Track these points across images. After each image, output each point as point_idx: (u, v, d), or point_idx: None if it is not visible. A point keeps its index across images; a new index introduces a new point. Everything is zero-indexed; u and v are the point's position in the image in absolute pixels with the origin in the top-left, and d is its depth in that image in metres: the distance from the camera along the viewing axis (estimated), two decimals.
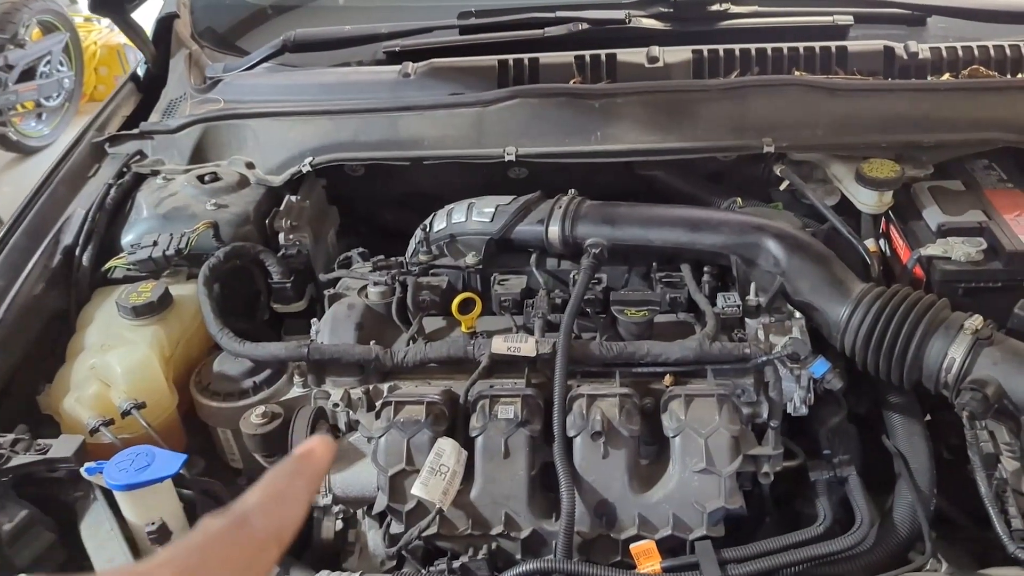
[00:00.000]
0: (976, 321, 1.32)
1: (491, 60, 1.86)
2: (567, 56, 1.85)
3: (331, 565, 1.36)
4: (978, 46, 1.82)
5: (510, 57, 1.86)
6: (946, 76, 1.81)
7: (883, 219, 1.76)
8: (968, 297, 1.52)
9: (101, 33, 6.17)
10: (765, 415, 1.40)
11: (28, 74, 5.40)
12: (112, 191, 1.80)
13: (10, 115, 5.31)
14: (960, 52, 1.82)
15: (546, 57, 1.86)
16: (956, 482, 1.42)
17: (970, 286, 1.52)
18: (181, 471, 1.34)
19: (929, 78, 1.81)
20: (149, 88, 2.18)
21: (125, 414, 1.43)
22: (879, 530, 1.31)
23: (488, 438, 1.33)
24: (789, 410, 1.43)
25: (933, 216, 1.62)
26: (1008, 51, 1.81)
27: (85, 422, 1.43)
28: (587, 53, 1.84)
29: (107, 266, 1.68)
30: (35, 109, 5.58)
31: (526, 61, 1.85)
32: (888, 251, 1.76)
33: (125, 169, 1.86)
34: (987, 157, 1.76)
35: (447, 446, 1.33)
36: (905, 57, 1.82)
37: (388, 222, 2.09)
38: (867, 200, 1.66)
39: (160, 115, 2.04)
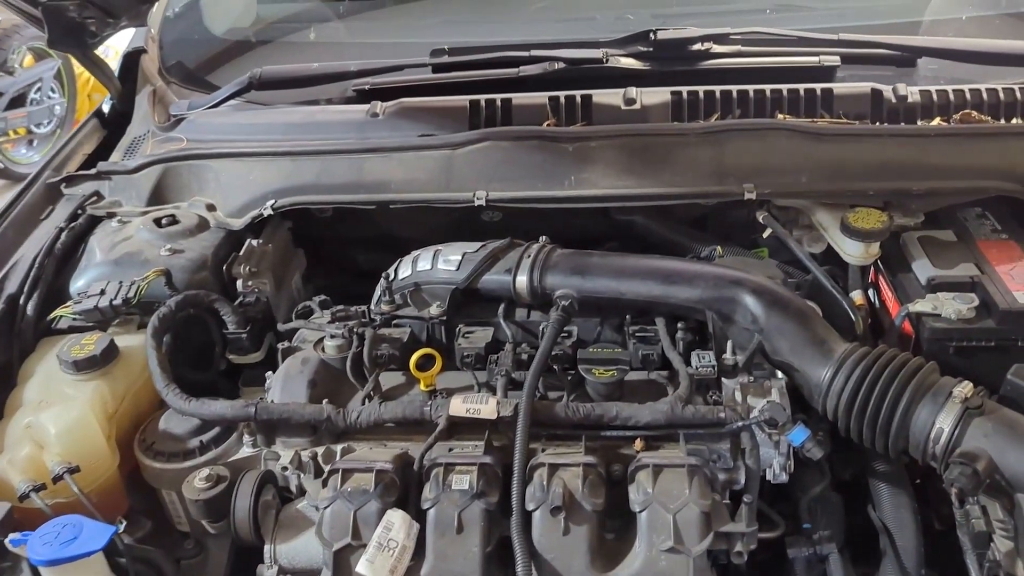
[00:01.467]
0: (966, 388, 1.23)
1: (462, 100, 1.79)
2: (541, 97, 1.77)
3: None
4: (970, 89, 1.74)
5: (482, 97, 1.78)
6: (937, 120, 1.73)
7: (872, 268, 1.68)
8: (959, 356, 1.44)
9: None
10: (743, 481, 1.31)
11: (18, 101, 5.37)
12: (63, 235, 1.72)
13: (0, 142, 5.27)
14: (951, 95, 1.74)
15: (519, 98, 1.78)
16: (948, 553, 1.33)
17: (961, 345, 1.43)
18: (116, 539, 1.25)
19: (919, 122, 1.73)
20: (114, 125, 2.11)
21: (57, 479, 1.34)
22: None
23: (441, 511, 1.24)
24: (768, 477, 1.34)
25: (923, 269, 1.53)
26: (1001, 94, 1.73)
27: (16, 487, 1.34)
28: (562, 94, 1.76)
29: (52, 315, 1.60)
30: (26, 136, 5.54)
31: (498, 101, 1.78)
32: (877, 302, 1.67)
33: (80, 211, 1.79)
34: (980, 205, 1.68)
35: (396, 519, 1.23)
36: (894, 100, 1.75)
37: (360, 263, 2.01)
38: (853, 251, 1.58)
39: (122, 154, 1.97)
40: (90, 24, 1.83)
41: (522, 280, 1.52)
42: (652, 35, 1.83)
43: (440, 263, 1.59)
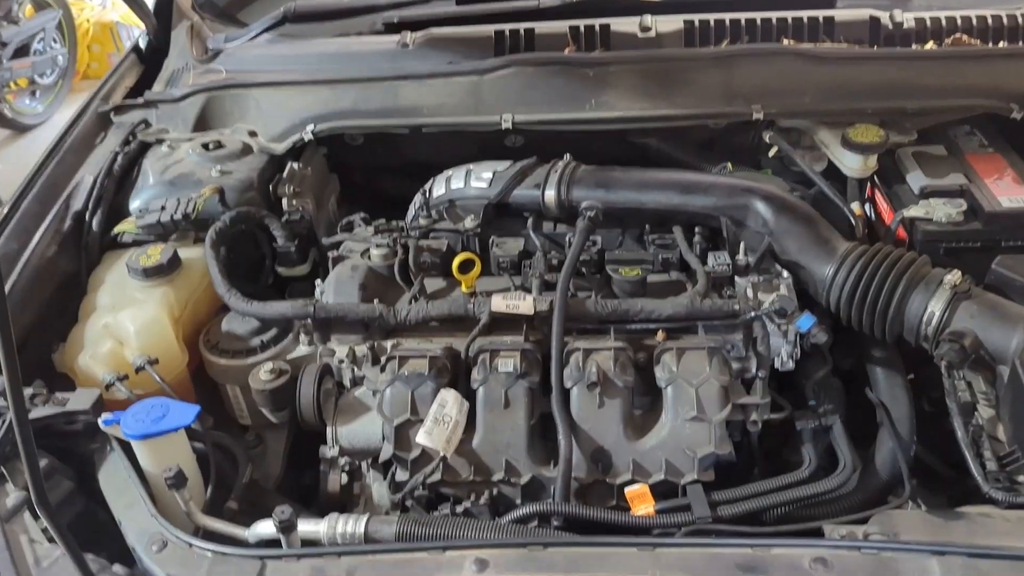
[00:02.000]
0: (955, 276, 1.38)
1: (488, 29, 1.91)
2: (562, 26, 1.90)
3: None
4: (961, 16, 1.88)
5: (506, 27, 1.90)
6: (930, 45, 1.86)
7: (868, 184, 1.82)
8: (948, 257, 1.58)
9: (94, 10, 6.16)
10: (754, 370, 1.46)
11: (22, 51, 5.39)
12: (119, 158, 1.84)
13: (4, 92, 5.31)
14: (943, 21, 1.88)
15: (541, 26, 1.90)
16: (937, 434, 1.49)
17: (951, 246, 1.58)
18: (193, 424, 1.40)
19: (913, 47, 1.86)
20: (151, 60, 2.22)
21: (139, 370, 1.49)
22: (861, 474, 1.38)
23: (489, 389, 1.39)
24: (776, 365, 1.49)
25: (916, 179, 1.68)
26: (990, 20, 1.87)
27: (100, 378, 1.48)
28: (582, 23, 1.88)
29: (116, 230, 1.73)
30: (29, 87, 5.58)
31: (522, 31, 1.90)
32: (873, 215, 1.82)
33: (131, 137, 1.91)
34: (969, 123, 1.82)
35: (450, 397, 1.39)
36: (890, 26, 1.88)
37: (387, 189, 2.14)
38: (852, 164, 1.72)
39: (163, 85, 2.08)
40: None
41: (550, 194, 1.66)
42: None
43: (473, 180, 1.73)
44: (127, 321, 1.54)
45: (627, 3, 1.94)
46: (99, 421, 1.36)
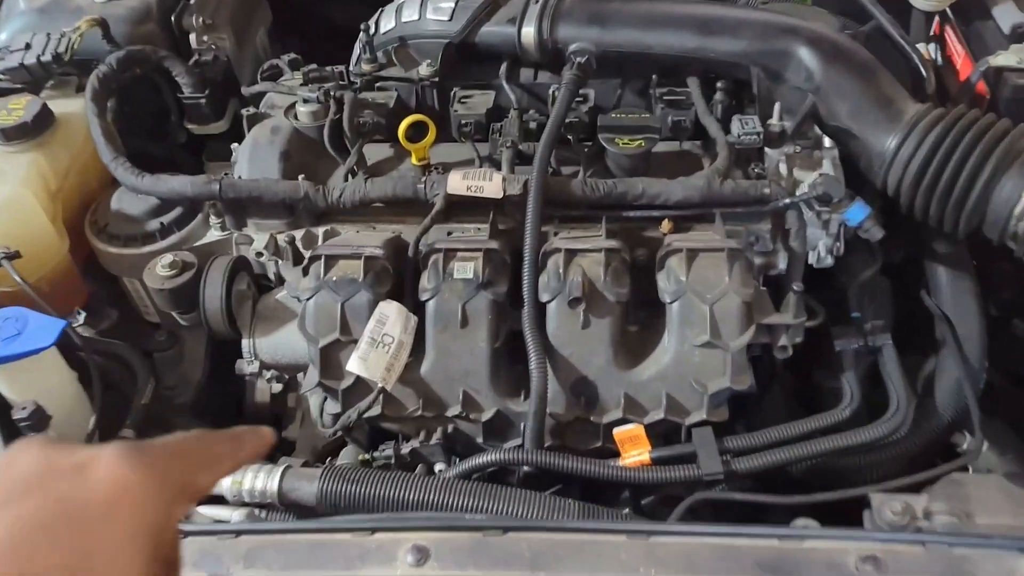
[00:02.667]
0: None
1: None
2: None
3: None
4: None
5: None
6: None
7: (937, 18, 1.43)
8: None
9: None
10: (781, 266, 1.15)
11: None
12: None
13: None
14: None
15: None
16: (1000, 341, 1.19)
17: None
18: (69, 332, 1.10)
19: None
20: None
21: None
22: (917, 410, 1.08)
23: (442, 302, 1.08)
24: (811, 260, 1.18)
25: (1006, 15, 1.29)
26: None
27: None
28: None
29: None
30: None
31: None
32: (941, 60, 1.44)
33: None
34: None
35: (391, 311, 1.07)
36: None
37: (335, 18, 1.73)
38: None
39: None
40: None
41: (529, 31, 1.27)
42: None
43: (430, 12, 1.34)
44: None
45: None
46: None
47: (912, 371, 1.18)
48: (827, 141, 1.20)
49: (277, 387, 1.25)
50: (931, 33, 1.45)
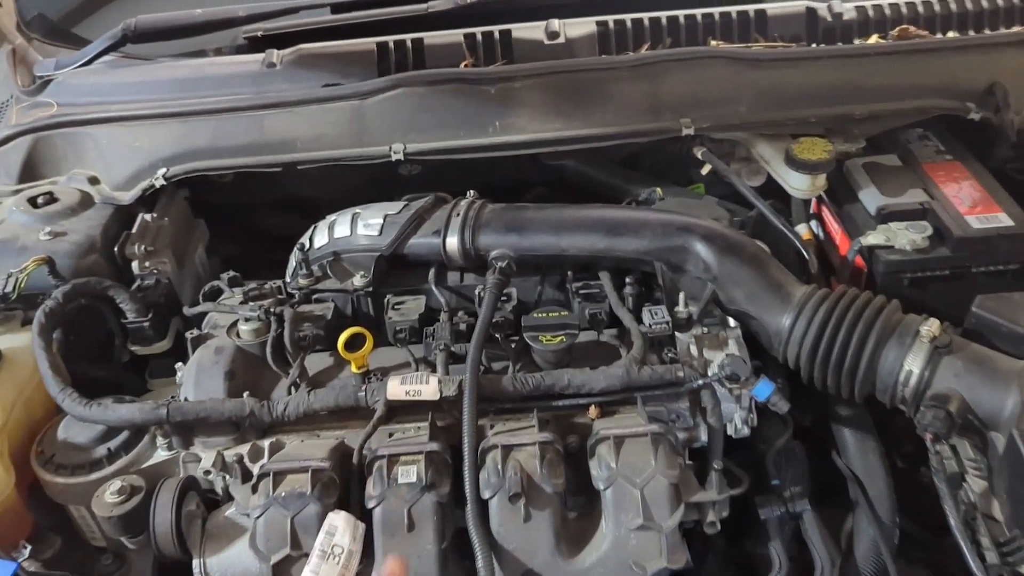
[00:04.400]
0: (933, 327, 1.17)
1: (369, 43, 1.62)
2: (456, 35, 1.62)
3: None
4: (905, 3, 1.66)
5: (390, 39, 1.62)
6: (874, 38, 1.64)
7: (814, 199, 1.61)
8: (913, 288, 1.39)
9: None
10: (703, 438, 1.24)
11: None
12: None
13: None
14: (887, 11, 1.66)
15: (432, 37, 1.62)
16: (910, 491, 1.29)
17: (916, 276, 1.38)
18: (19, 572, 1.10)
19: (856, 41, 1.64)
20: None
21: None
22: (840, 572, 1.15)
23: (388, 508, 1.13)
24: (729, 432, 1.27)
25: (871, 198, 1.47)
26: (937, 6, 1.66)
27: None
28: (478, 30, 1.61)
29: None
30: None
31: (409, 42, 1.61)
32: (822, 234, 1.61)
33: None
34: (921, 126, 1.61)
35: (339, 522, 1.11)
36: (829, 18, 1.65)
37: (268, 228, 1.84)
38: (799, 184, 1.50)
39: None
40: None
41: (453, 242, 1.39)
42: None
43: (360, 228, 1.45)
44: None
45: (530, 4, 1.66)
46: None
47: (835, 526, 1.26)
48: (731, 321, 1.32)
49: None
50: (811, 212, 1.63)
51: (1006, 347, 1.19)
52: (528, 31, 1.62)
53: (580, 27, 1.62)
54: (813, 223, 1.63)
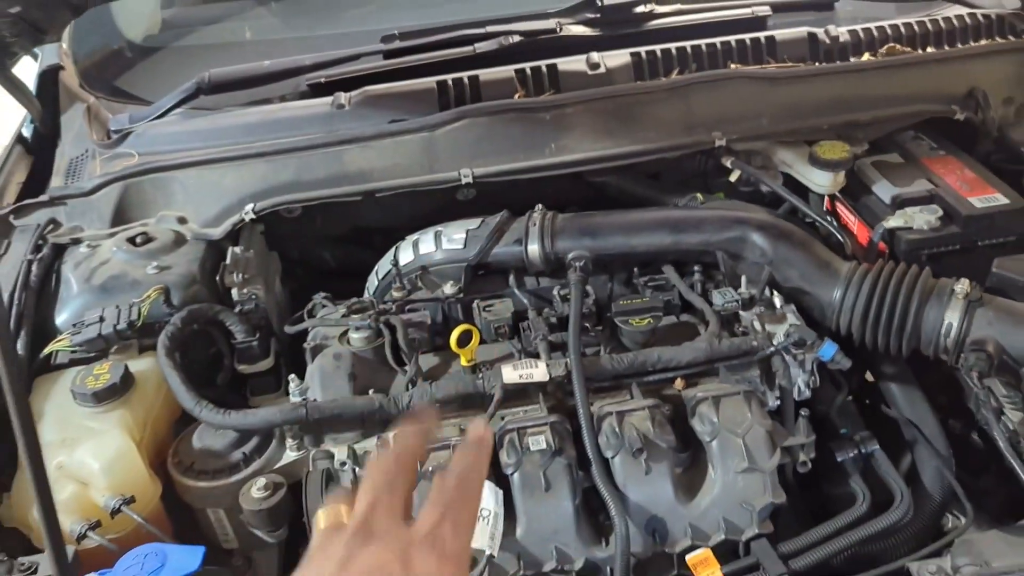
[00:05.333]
0: (965, 285, 1.38)
1: (429, 82, 1.80)
2: (507, 71, 1.81)
3: None
4: (889, 25, 1.92)
5: (448, 77, 1.80)
6: (866, 56, 1.89)
7: (827, 198, 1.83)
8: (931, 262, 1.58)
9: None
10: (771, 403, 1.41)
11: None
12: (33, 267, 1.61)
13: None
14: (875, 32, 1.91)
15: (486, 74, 1.81)
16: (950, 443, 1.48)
17: (932, 252, 1.59)
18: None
19: (852, 59, 1.89)
20: (39, 149, 1.98)
21: (115, 512, 1.28)
22: (914, 499, 1.34)
23: (525, 473, 1.28)
24: (793, 395, 1.45)
25: (884, 189, 1.69)
26: (916, 27, 1.92)
27: (67, 529, 1.27)
28: (527, 66, 1.80)
29: (48, 350, 1.50)
30: None
31: (466, 80, 1.80)
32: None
33: (41, 241, 1.67)
34: (912, 128, 1.86)
35: (484, 489, 1.26)
36: (827, 41, 1.90)
37: (326, 262, 1.98)
38: (822, 181, 1.71)
39: (63, 178, 1.85)
40: (13, 44, 1.71)
41: (534, 248, 1.56)
42: (598, 1, 1.90)
43: (445, 243, 1.61)
44: (88, 457, 1.32)
45: (567, 41, 1.87)
46: None
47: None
48: (779, 300, 1.52)
49: None
50: (825, 209, 1.85)
51: (1022, 298, 1.41)
52: (572, 63, 1.82)
53: (616, 58, 1.83)
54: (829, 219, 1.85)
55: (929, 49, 1.91)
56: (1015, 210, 1.59)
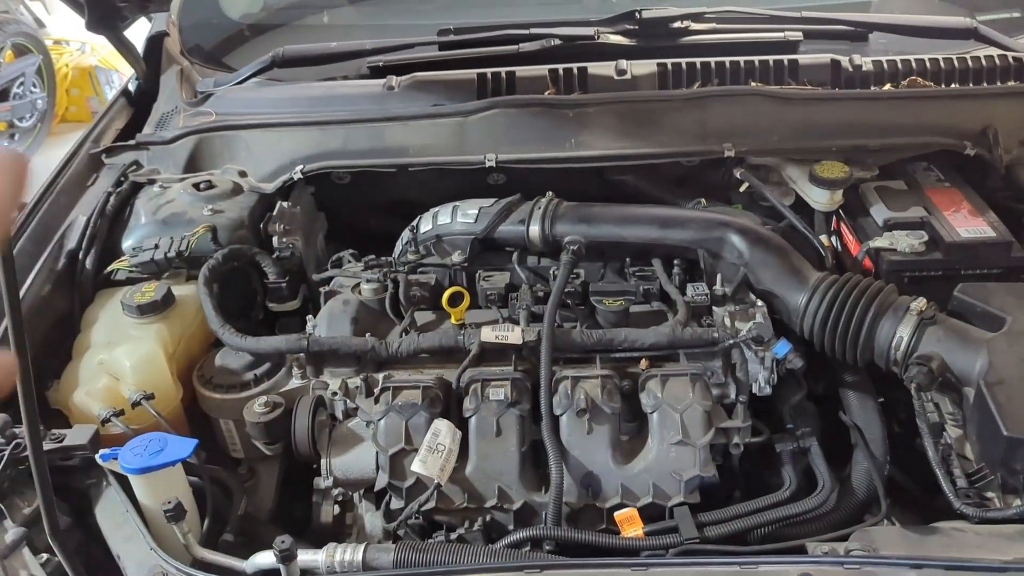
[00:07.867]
0: (920, 303, 1.46)
1: (470, 73, 1.98)
2: (541, 69, 1.98)
3: None
4: (915, 59, 1.99)
5: (488, 71, 1.98)
6: (887, 86, 1.97)
7: (834, 217, 1.92)
8: (912, 285, 1.66)
9: (73, 56, 6.20)
10: (733, 395, 1.53)
11: (2, 95, 5.43)
12: (111, 199, 1.88)
13: None
14: (899, 64, 1.99)
15: (522, 70, 1.98)
16: (907, 454, 1.56)
17: (914, 275, 1.67)
18: (194, 456, 1.43)
19: (872, 88, 1.96)
20: (140, 103, 2.27)
21: (135, 405, 1.52)
22: (839, 493, 1.44)
23: (481, 418, 1.44)
24: (754, 390, 1.55)
25: (879, 212, 1.77)
26: (942, 63, 1.98)
27: (96, 413, 1.51)
28: (560, 67, 1.97)
29: (110, 268, 1.76)
30: (8, 130, 5.59)
31: (503, 74, 1.97)
32: (839, 246, 1.91)
33: (123, 178, 1.95)
34: (926, 159, 1.92)
35: (443, 426, 1.43)
36: (850, 69, 1.98)
37: (372, 227, 2.18)
38: (820, 198, 1.81)
39: (153, 128, 2.12)
40: (124, 9, 1.99)
41: (535, 229, 1.72)
42: (637, 14, 2.05)
43: (459, 216, 1.79)
44: (123, 357, 1.57)
45: (603, 47, 2.03)
46: (96, 456, 1.39)
47: (838, 471, 1.54)
48: (758, 301, 1.62)
49: (337, 509, 1.57)
50: (832, 227, 1.94)
51: (980, 324, 1.48)
52: (601, 68, 1.97)
53: (644, 67, 1.97)
54: (834, 238, 1.93)
55: (953, 85, 1.97)
56: (999, 243, 1.65)
